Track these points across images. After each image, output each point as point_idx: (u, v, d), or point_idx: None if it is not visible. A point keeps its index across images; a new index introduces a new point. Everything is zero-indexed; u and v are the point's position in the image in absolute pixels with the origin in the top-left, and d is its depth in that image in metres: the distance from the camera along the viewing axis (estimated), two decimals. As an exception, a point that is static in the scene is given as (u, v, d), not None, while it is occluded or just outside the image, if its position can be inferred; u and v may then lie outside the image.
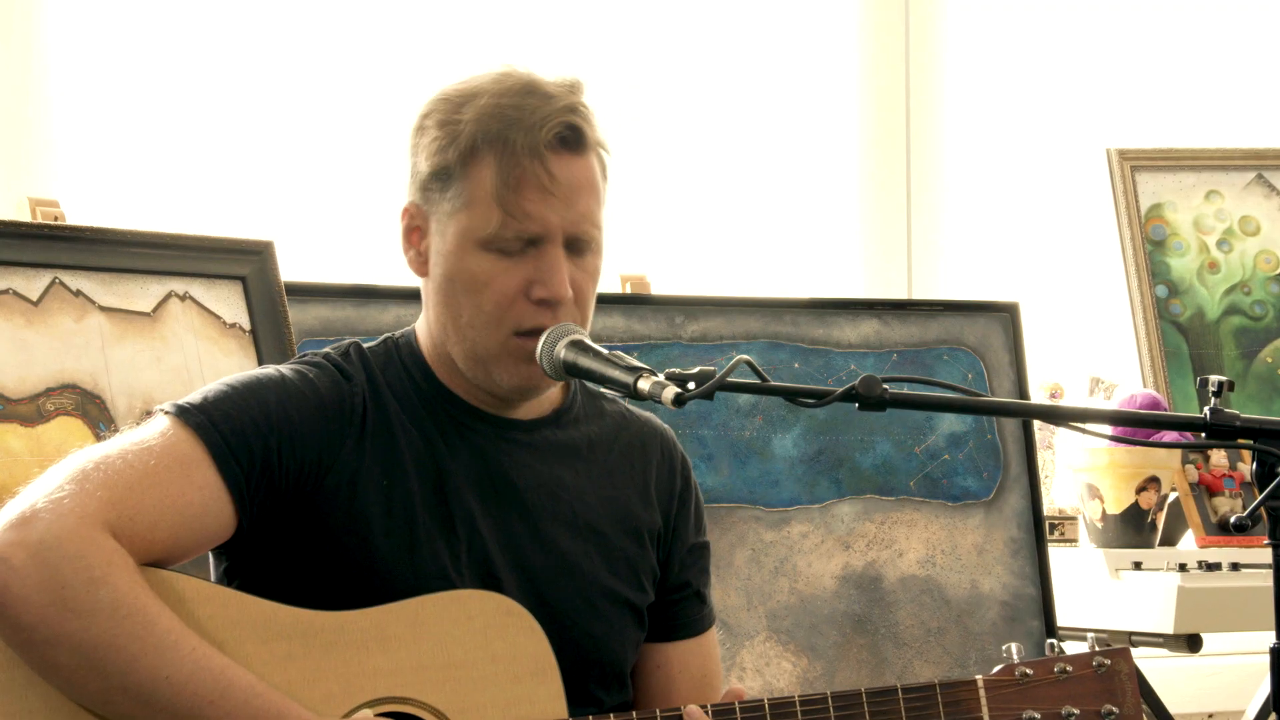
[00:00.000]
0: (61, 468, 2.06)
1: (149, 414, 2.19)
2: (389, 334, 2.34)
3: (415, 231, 2.28)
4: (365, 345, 2.31)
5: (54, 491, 2.02)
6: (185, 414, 2.13)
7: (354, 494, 2.19)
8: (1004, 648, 2.34)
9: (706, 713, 2.18)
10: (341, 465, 2.19)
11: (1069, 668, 2.32)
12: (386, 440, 2.23)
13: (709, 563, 2.46)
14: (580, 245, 2.24)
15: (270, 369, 2.23)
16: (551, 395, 2.35)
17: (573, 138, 2.21)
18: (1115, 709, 2.32)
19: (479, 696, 2.14)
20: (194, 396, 2.17)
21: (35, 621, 1.98)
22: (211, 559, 2.27)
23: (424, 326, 2.31)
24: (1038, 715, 2.30)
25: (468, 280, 2.22)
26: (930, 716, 2.26)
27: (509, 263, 2.21)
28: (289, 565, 2.19)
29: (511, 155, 2.18)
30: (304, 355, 2.29)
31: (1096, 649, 2.34)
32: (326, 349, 2.30)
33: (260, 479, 2.14)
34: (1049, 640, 2.36)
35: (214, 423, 2.12)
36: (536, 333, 2.20)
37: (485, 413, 2.28)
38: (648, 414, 2.44)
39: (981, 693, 2.28)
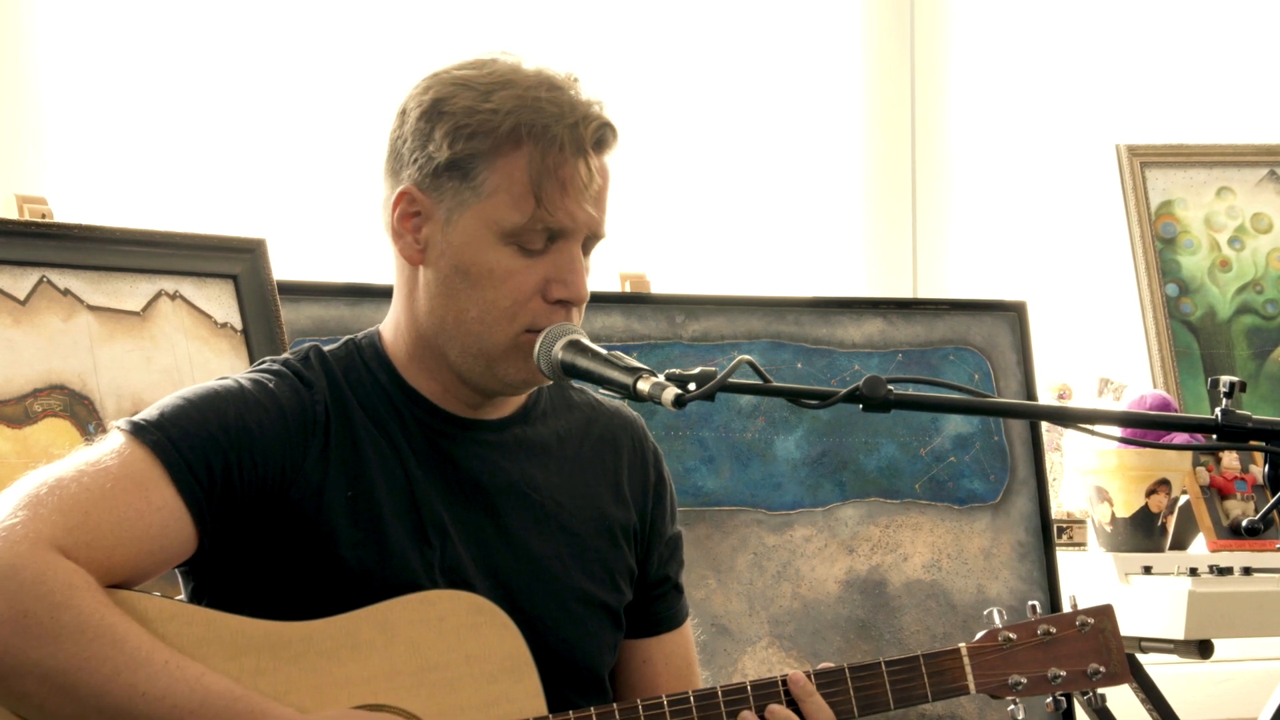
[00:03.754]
0: (13, 493, 2.03)
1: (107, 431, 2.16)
2: (351, 336, 2.30)
3: (413, 218, 2.21)
4: (326, 348, 2.27)
5: (7, 518, 1.99)
6: (141, 431, 2.10)
7: (319, 506, 2.16)
8: (985, 612, 2.34)
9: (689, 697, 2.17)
10: (305, 477, 2.16)
11: (1052, 629, 2.33)
12: (350, 448, 2.19)
13: (683, 552, 2.45)
14: (590, 245, 2.23)
15: (228, 380, 2.20)
16: None
17: (608, 139, 2.22)
18: (1101, 668, 2.33)
19: (456, 698, 2.12)
20: (150, 412, 2.13)
21: None
22: (181, 579, 2.24)
23: (394, 323, 2.27)
24: (1024, 680, 2.30)
25: (483, 274, 2.17)
26: (915, 688, 2.27)
27: (528, 260, 2.17)
28: (258, 581, 2.15)
29: (556, 148, 2.15)
30: (261, 363, 2.26)
31: (1078, 608, 2.34)
32: (285, 355, 2.27)
33: (221, 495, 2.11)
34: (1030, 603, 2.36)
35: (171, 440, 2.09)
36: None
37: (453, 414, 2.25)
38: (617, 403, 2.41)
39: (965, 661, 2.29)
